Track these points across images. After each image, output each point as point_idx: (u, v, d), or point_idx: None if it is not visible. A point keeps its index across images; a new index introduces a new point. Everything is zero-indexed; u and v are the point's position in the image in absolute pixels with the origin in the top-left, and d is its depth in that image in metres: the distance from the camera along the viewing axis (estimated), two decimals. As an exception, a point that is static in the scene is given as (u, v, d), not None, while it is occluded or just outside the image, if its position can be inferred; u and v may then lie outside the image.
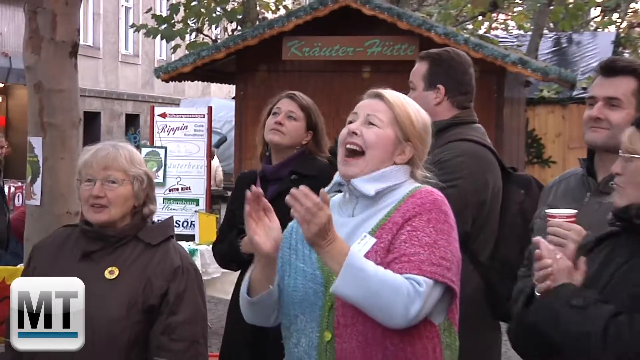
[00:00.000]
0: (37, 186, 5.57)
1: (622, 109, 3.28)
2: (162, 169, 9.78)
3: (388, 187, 2.86)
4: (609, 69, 3.35)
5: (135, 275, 3.25)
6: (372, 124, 2.88)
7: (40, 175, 5.55)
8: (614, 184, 2.73)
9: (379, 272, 2.64)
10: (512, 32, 26.76)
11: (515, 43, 21.53)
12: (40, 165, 5.54)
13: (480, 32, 22.68)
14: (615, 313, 2.50)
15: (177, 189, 9.96)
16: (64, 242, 3.41)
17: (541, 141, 18.30)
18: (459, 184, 3.76)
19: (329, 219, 2.63)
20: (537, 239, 2.82)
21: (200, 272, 7.69)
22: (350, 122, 2.92)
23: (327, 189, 2.94)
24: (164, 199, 9.68)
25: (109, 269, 3.26)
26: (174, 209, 9.69)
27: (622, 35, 28.46)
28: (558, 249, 2.78)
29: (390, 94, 2.94)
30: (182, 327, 3.21)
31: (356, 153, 2.87)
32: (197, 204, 9.83)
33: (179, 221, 9.44)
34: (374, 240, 2.77)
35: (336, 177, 2.94)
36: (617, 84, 3.32)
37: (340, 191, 2.96)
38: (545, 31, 22.48)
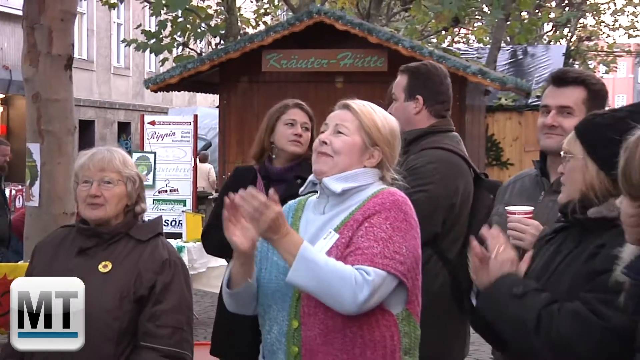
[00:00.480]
0: (36, 189, 5.57)
1: (574, 116, 3.28)
2: (151, 172, 9.77)
3: (356, 187, 2.88)
4: (560, 80, 3.36)
5: (127, 268, 3.26)
6: (340, 132, 2.91)
7: (39, 179, 5.55)
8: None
9: (329, 263, 2.67)
10: (472, 45, 26.86)
11: (475, 55, 21.60)
12: (39, 169, 5.53)
13: (444, 45, 22.76)
14: (550, 302, 2.49)
15: (166, 191, 9.96)
16: (62, 241, 3.41)
17: (500, 145, 18.38)
18: (429, 188, 3.77)
19: (278, 214, 2.66)
20: (484, 230, 2.81)
21: (187, 267, 7.69)
22: (323, 132, 2.95)
23: (302, 188, 2.99)
24: (153, 200, 9.67)
25: (103, 263, 3.27)
26: (162, 209, 9.68)
27: (572, 48, 28.67)
28: (509, 240, 2.79)
29: (357, 103, 2.96)
30: (167, 314, 3.21)
31: (327, 156, 2.90)
32: (184, 205, 9.83)
33: (168, 220, 9.42)
34: (337, 236, 2.80)
35: (310, 177, 2.97)
36: (568, 93, 3.34)
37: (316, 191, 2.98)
38: (503, 44, 22.58)
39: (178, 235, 8.81)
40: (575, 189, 2.61)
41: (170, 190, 9.94)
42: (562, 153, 2.71)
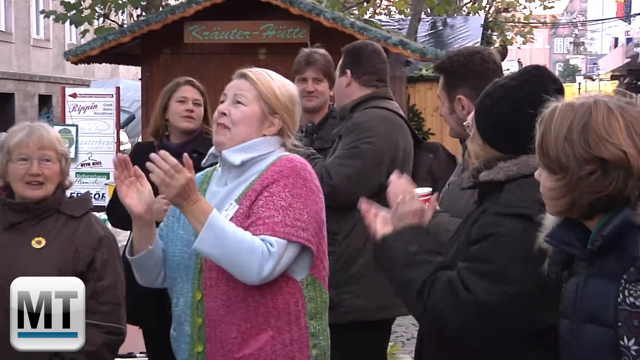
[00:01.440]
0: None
1: (444, 105, 3.43)
2: (74, 146, 9.62)
3: (255, 157, 2.87)
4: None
5: (63, 244, 3.22)
6: (239, 102, 2.89)
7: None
8: None
9: (237, 233, 2.66)
10: (394, 17, 26.97)
11: (396, 27, 21.69)
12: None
13: (366, 17, 22.79)
14: (439, 267, 2.44)
15: (89, 164, 9.84)
16: None
17: (421, 115, 18.51)
18: (372, 140, 3.97)
19: (189, 180, 2.63)
20: (393, 177, 2.81)
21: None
22: (222, 102, 2.93)
23: (204, 161, 2.97)
24: (76, 173, 9.54)
25: (36, 239, 3.23)
26: (86, 182, 9.58)
27: (490, 19, 29.01)
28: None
29: (254, 72, 2.94)
30: (108, 291, 3.22)
31: (225, 128, 2.89)
32: (108, 177, 9.71)
33: (91, 193, 9.29)
34: (237, 207, 2.79)
35: (211, 150, 2.97)
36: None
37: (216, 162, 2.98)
38: (423, 16, 22.71)
39: (102, 209, 8.68)
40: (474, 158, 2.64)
41: (93, 163, 9.83)
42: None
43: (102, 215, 8.02)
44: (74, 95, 10.06)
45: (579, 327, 2.11)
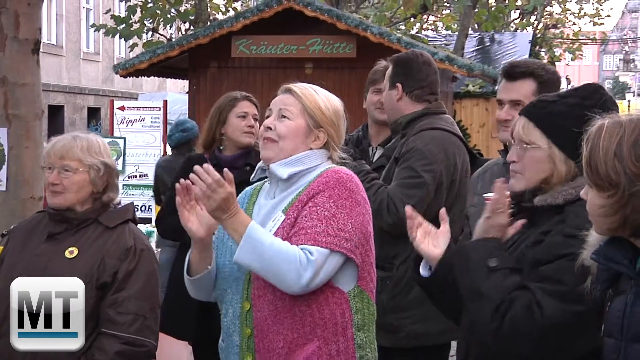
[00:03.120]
0: (3, 173, 5.52)
1: None
2: (121, 158, 9.70)
3: (302, 170, 2.89)
4: (509, 74, 3.42)
5: (92, 254, 3.23)
6: (284, 117, 2.91)
7: (6, 163, 5.50)
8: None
9: (274, 243, 2.69)
10: (440, 32, 26.91)
11: (443, 42, 21.65)
12: (6, 153, 5.49)
13: (412, 32, 22.77)
14: (517, 287, 2.42)
15: (136, 176, 9.91)
16: (35, 226, 3.40)
17: (467, 131, 18.42)
18: (433, 168, 3.91)
19: (229, 194, 2.68)
20: (496, 186, 2.70)
21: (157, 251, 7.63)
22: (268, 117, 2.96)
23: (253, 175, 3.01)
24: (123, 185, 9.61)
25: (70, 248, 3.24)
26: (132, 195, 9.65)
27: (539, 35, 28.82)
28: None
29: (299, 87, 2.97)
30: (129, 301, 3.18)
31: (272, 142, 2.92)
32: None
33: (137, 205, 9.37)
34: (283, 217, 2.82)
35: (260, 164, 3.00)
36: (517, 87, 3.39)
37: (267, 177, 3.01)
38: (470, 31, 22.64)
39: (147, 220, 8.77)
40: (537, 179, 2.58)
41: (140, 176, 9.89)
42: (514, 141, 2.66)
43: (149, 227, 8.13)
44: (122, 108, 10.15)
45: (627, 347, 2.07)
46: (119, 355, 3.14)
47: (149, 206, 9.43)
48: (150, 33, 17.57)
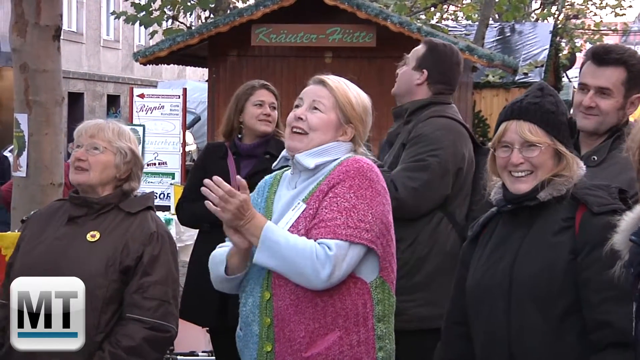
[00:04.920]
0: (23, 159, 5.54)
1: (612, 97, 3.26)
2: (140, 145, 9.71)
3: (327, 161, 2.89)
4: (601, 58, 3.28)
5: (115, 239, 3.25)
6: (316, 109, 2.91)
7: (26, 149, 5.52)
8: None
9: (290, 241, 2.71)
10: (461, 22, 26.77)
11: (463, 32, 21.53)
12: (26, 139, 5.51)
13: (432, 22, 22.68)
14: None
15: (155, 164, 9.93)
16: (54, 213, 3.42)
17: (487, 121, 18.36)
18: (439, 153, 3.90)
19: (243, 202, 2.71)
20: None
21: (175, 239, 7.66)
22: (297, 107, 2.95)
23: (275, 163, 3.00)
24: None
25: (91, 232, 3.26)
26: (151, 182, 9.66)
27: (559, 25, 28.62)
28: None
29: (332, 80, 2.96)
30: (154, 286, 3.19)
31: (301, 134, 2.91)
32: (173, 178, 9.80)
33: (156, 193, 9.39)
34: (304, 206, 2.82)
35: (283, 153, 2.99)
36: (608, 74, 3.27)
37: (288, 166, 3.00)
38: (491, 21, 22.50)
39: (166, 208, 8.78)
40: (548, 175, 2.68)
41: (159, 164, 9.91)
42: (517, 144, 2.71)
43: (167, 215, 8.15)
44: (141, 96, 10.17)
45: None
46: (145, 341, 3.15)
47: (168, 194, 9.45)
48: (170, 21, 17.57)
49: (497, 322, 2.67)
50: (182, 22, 17.79)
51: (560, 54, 25.49)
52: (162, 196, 9.51)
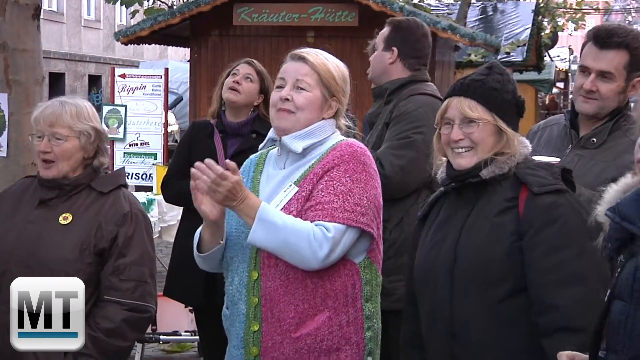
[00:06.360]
0: (4, 139, 5.53)
1: (614, 81, 3.23)
2: (122, 126, 9.69)
3: (315, 143, 2.89)
4: (602, 41, 3.23)
5: (87, 220, 3.21)
6: (301, 88, 2.89)
7: (7, 129, 5.50)
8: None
9: (287, 222, 2.70)
10: (443, 1, 26.72)
11: (446, 11, 21.49)
12: (7, 119, 5.49)
13: (415, 1, 22.62)
14: None
15: (137, 144, 9.88)
16: (23, 192, 3.36)
17: (469, 101, 18.39)
18: (423, 130, 3.91)
19: (235, 184, 2.68)
20: None
21: (158, 219, 7.64)
22: (280, 87, 2.92)
23: (261, 145, 2.98)
24: (124, 153, 9.60)
25: (64, 215, 3.22)
26: (133, 163, 9.62)
27: (542, 4, 28.61)
28: None
29: (312, 55, 2.94)
30: (130, 267, 3.19)
31: (289, 112, 2.90)
32: (155, 158, 9.75)
33: (138, 174, 9.36)
34: (296, 189, 2.81)
35: (270, 133, 2.98)
36: (610, 58, 3.23)
37: (275, 146, 2.99)
38: (473, 0, 22.47)
39: (149, 188, 8.77)
40: (489, 152, 2.70)
41: (141, 144, 9.87)
42: (457, 120, 2.74)
43: (150, 195, 8.14)
44: (123, 76, 10.11)
45: (636, 310, 2.07)
46: (125, 322, 3.15)
47: (150, 174, 9.43)
48: (151, 0, 17.46)
49: (439, 302, 2.70)
50: (163, 2, 17.66)
51: (542, 33, 25.50)
52: (144, 177, 9.48)
